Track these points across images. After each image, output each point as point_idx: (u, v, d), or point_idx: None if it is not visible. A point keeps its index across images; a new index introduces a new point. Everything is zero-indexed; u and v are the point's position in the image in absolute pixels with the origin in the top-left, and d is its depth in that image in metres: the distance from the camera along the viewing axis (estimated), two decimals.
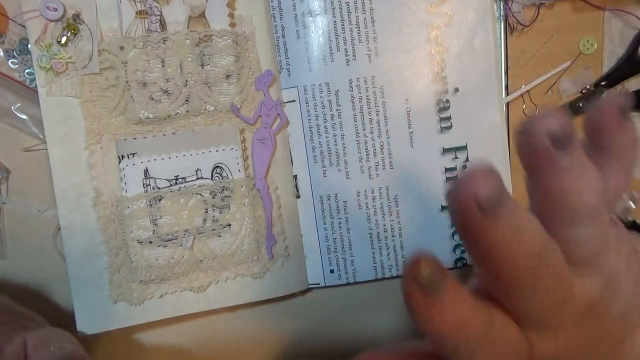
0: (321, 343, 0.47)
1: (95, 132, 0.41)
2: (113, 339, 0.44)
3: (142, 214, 0.41)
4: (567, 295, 0.23)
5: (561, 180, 0.21)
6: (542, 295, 0.22)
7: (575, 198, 0.21)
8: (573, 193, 0.21)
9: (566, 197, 0.21)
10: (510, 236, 0.20)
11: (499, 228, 0.19)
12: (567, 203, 0.21)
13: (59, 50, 0.40)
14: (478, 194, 0.18)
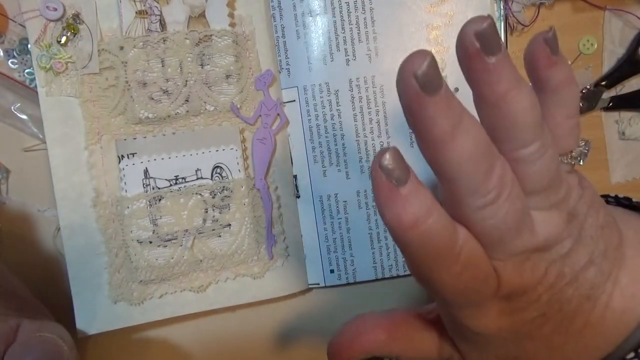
0: (321, 343, 0.47)
1: (95, 132, 0.41)
2: (113, 339, 0.44)
3: (142, 214, 0.41)
4: (527, 221, 0.25)
5: (491, 82, 0.23)
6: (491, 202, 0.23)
7: (512, 108, 0.23)
8: (509, 101, 0.23)
9: (503, 106, 0.23)
10: (449, 120, 0.21)
11: (437, 105, 0.21)
12: (505, 114, 0.23)
13: (58, 50, 0.40)
14: (414, 69, 0.20)
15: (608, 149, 0.48)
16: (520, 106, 0.23)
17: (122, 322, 0.42)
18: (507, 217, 0.24)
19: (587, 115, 0.47)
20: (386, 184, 0.22)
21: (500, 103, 0.23)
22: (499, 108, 0.23)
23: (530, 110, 0.23)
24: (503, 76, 0.23)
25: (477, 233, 0.25)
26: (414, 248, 0.23)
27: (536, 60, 0.26)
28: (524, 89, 0.23)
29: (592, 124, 0.48)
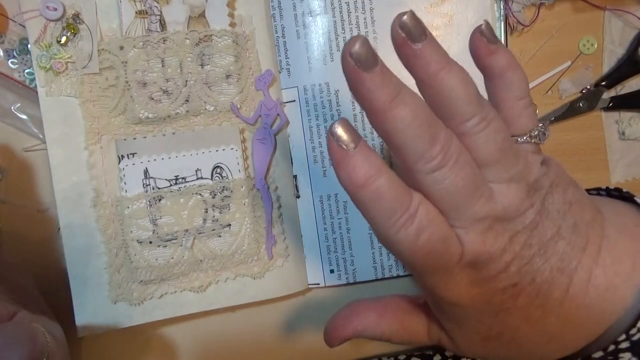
0: (321, 343, 0.47)
1: (95, 132, 0.41)
2: (113, 339, 0.44)
3: (142, 214, 0.41)
4: (482, 189, 0.27)
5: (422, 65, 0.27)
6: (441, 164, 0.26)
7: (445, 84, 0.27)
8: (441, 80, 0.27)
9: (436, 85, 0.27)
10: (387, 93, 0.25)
11: (373, 80, 0.25)
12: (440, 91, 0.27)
13: (58, 50, 0.40)
14: (350, 49, 0.24)
15: (608, 149, 0.48)
16: (452, 83, 0.27)
17: (122, 322, 0.41)
18: (457, 181, 0.26)
19: (587, 115, 0.47)
20: (338, 148, 0.26)
21: (433, 82, 0.27)
22: (433, 87, 0.27)
23: (462, 85, 0.27)
24: (431, 58, 0.26)
25: (434, 199, 0.27)
26: (367, 206, 0.26)
27: (477, 51, 0.30)
28: (454, 68, 0.27)
29: (592, 124, 0.48)
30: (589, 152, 0.48)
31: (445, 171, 0.26)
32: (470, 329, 0.32)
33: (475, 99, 0.27)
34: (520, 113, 0.31)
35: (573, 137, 0.48)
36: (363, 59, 0.24)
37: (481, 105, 0.27)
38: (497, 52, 0.30)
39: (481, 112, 0.27)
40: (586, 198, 0.31)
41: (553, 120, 0.47)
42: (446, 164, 0.26)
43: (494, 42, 0.30)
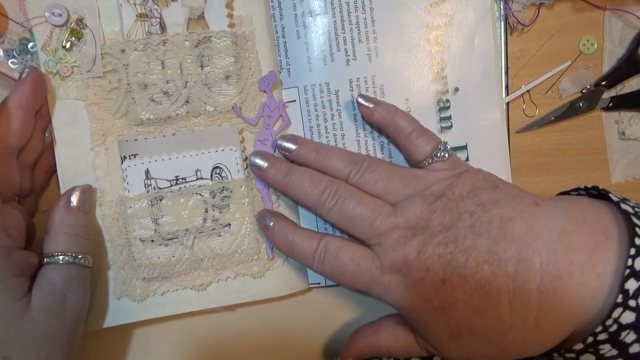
0: (321, 342, 0.47)
1: (100, 133, 0.42)
2: (116, 335, 0.45)
3: (143, 213, 0.42)
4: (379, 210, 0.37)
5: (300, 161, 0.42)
6: None
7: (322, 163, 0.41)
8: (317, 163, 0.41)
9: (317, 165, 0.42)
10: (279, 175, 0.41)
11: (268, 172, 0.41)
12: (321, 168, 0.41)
13: (64, 54, 0.41)
14: (251, 161, 0.42)
15: (608, 149, 0.48)
16: (326, 158, 0.41)
17: (126, 317, 0.42)
18: (352, 210, 0.37)
19: (587, 115, 0.47)
20: (262, 227, 0.42)
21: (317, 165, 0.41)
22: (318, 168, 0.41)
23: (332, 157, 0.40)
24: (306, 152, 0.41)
25: (347, 230, 0.38)
26: (291, 254, 0.41)
27: (363, 115, 0.43)
28: (323, 151, 0.41)
29: (592, 124, 0.47)
30: (589, 152, 0.48)
31: (339, 205, 0.38)
32: (433, 330, 0.36)
33: (346, 160, 0.40)
34: (415, 142, 0.40)
35: (573, 137, 0.47)
36: (259, 163, 0.41)
37: (354, 162, 0.40)
38: (376, 110, 0.41)
39: (355, 166, 0.39)
40: (511, 197, 0.35)
41: (553, 120, 0.47)
42: (337, 201, 0.38)
43: (372, 104, 0.41)
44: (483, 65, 0.45)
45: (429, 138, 0.40)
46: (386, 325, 0.40)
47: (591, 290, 0.31)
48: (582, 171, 0.48)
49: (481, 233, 0.34)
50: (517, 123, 0.47)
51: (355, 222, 0.37)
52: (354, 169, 0.39)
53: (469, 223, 0.34)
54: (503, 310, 0.33)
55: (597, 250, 0.32)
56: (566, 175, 0.48)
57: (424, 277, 0.35)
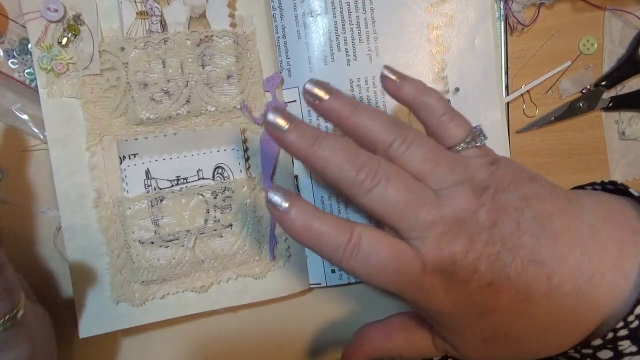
0: (322, 343, 0.47)
1: (96, 133, 0.41)
2: (115, 340, 0.44)
3: (143, 214, 0.41)
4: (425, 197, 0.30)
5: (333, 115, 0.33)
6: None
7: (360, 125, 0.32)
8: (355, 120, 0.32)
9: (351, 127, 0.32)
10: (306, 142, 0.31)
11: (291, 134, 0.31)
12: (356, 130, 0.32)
13: (59, 51, 0.40)
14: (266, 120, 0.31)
15: (608, 149, 0.48)
16: (363, 121, 0.32)
17: (124, 322, 0.41)
18: (394, 194, 0.30)
19: (587, 115, 0.48)
20: (274, 210, 0.31)
21: (347, 125, 0.32)
22: (350, 128, 0.33)
23: (373, 120, 0.32)
24: (340, 108, 0.32)
25: (384, 219, 0.31)
26: (315, 246, 0.31)
27: (388, 91, 0.36)
28: (361, 109, 0.32)
29: (592, 124, 0.48)
30: (589, 152, 0.48)
31: (380, 188, 0.30)
32: (466, 335, 0.33)
33: (389, 126, 0.32)
34: (448, 126, 0.34)
35: (573, 137, 0.48)
36: (278, 123, 0.31)
37: (398, 131, 0.32)
38: (403, 86, 0.35)
39: (399, 136, 0.32)
40: (547, 191, 0.32)
41: (553, 120, 0.47)
42: (378, 182, 0.30)
43: (399, 78, 0.35)
44: (483, 65, 0.45)
45: (462, 121, 0.34)
46: (400, 327, 0.37)
47: (619, 289, 0.30)
48: (582, 171, 0.48)
49: (526, 230, 0.30)
50: (517, 123, 0.47)
51: (396, 210, 0.30)
52: (398, 138, 0.32)
53: (514, 218, 0.30)
54: (540, 314, 0.31)
55: (625, 247, 0.31)
56: (566, 175, 0.48)
57: (470, 279, 0.30)
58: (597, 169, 0.48)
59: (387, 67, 0.35)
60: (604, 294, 0.30)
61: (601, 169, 0.48)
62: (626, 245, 0.31)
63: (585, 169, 0.48)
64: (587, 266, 0.30)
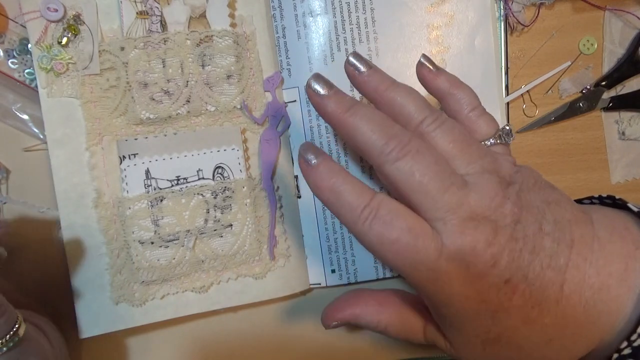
0: (322, 343, 0.47)
1: (96, 132, 0.41)
2: (115, 340, 0.44)
3: (143, 214, 0.41)
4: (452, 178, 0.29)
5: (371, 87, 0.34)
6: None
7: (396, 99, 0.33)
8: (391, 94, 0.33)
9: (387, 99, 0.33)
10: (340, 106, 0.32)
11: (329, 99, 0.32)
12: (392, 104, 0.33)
13: (59, 51, 0.40)
14: (310, 85, 0.32)
15: (608, 149, 0.48)
16: (399, 96, 0.32)
17: (124, 323, 0.41)
18: (422, 168, 0.29)
19: (587, 115, 0.48)
20: (304, 162, 0.32)
21: (383, 99, 0.33)
22: (385, 103, 0.33)
23: (408, 96, 0.32)
24: (378, 81, 0.33)
25: (406, 192, 0.30)
26: (332, 204, 0.31)
27: (423, 79, 0.36)
28: (398, 86, 0.33)
29: (592, 124, 0.48)
30: (589, 152, 0.48)
31: (408, 159, 0.29)
32: (469, 333, 0.32)
33: (423, 105, 0.32)
34: (476, 122, 0.34)
35: (573, 137, 0.48)
36: (319, 88, 0.32)
37: (430, 110, 0.32)
38: (439, 76, 0.35)
39: (431, 114, 0.32)
40: (566, 199, 0.32)
41: (553, 120, 0.47)
42: (407, 153, 0.29)
43: (435, 68, 0.36)
44: (483, 65, 0.45)
45: (491, 119, 0.35)
46: (395, 303, 0.37)
47: (624, 304, 0.29)
48: (582, 171, 0.48)
49: (548, 232, 0.29)
50: (517, 123, 0.47)
51: (421, 186, 0.29)
52: (430, 116, 0.32)
53: (538, 218, 0.30)
54: (547, 322, 0.30)
55: (630, 261, 0.30)
56: (566, 176, 0.48)
57: (488, 273, 0.29)
58: (597, 169, 0.48)
59: (425, 56, 0.36)
60: (610, 309, 0.30)
61: (601, 169, 0.48)
62: (631, 258, 0.30)
63: (585, 169, 0.48)
64: (595, 279, 0.30)
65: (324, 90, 0.32)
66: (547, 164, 0.48)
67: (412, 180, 0.29)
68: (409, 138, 0.30)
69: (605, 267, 0.30)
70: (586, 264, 0.30)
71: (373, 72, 0.34)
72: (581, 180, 0.48)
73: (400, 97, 0.32)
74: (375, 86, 0.33)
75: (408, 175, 0.29)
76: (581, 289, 0.29)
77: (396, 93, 0.33)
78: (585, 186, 0.48)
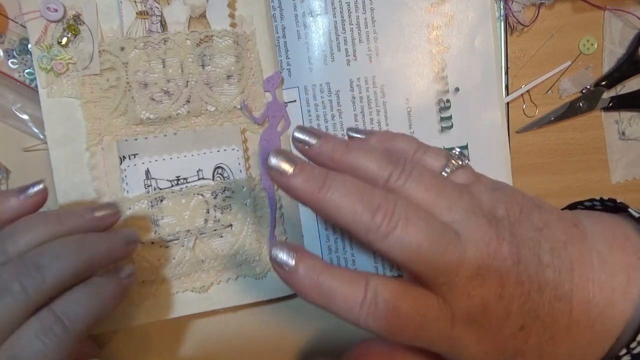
0: (322, 343, 0.47)
1: (96, 133, 0.41)
2: (114, 340, 0.44)
3: (143, 214, 0.41)
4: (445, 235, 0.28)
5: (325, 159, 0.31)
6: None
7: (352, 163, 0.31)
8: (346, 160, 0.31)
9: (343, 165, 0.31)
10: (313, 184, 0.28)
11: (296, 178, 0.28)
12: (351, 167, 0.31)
13: (59, 51, 0.40)
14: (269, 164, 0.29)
15: (608, 149, 0.48)
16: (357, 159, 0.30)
17: (124, 322, 0.41)
18: (416, 237, 0.27)
19: (587, 115, 0.48)
20: (281, 270, 0.28)
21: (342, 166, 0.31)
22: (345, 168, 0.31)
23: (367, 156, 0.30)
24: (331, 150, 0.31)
25: (404, 263, 0.27)
26: (326, 307, 0.28)
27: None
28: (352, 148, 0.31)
29: (592, 124, 0.48)
30: (589, 152, 0.48)
31: (398, 232, 0.27)
32: None
33: (384, 159, 0.30)
34: (426, 160, 0.33)
35: (573, 137, 0.48)
36: (281, 167, 0.29)
37: (394, 163, 0.30)
38: (371, 139, 0.35)
39: (396, 168, 0.30)
40: (555, 217, 0.31)
41: (553, 120, 0.47)
42: (396, 225, 0.27)
43: (364, 134, 0.35)
44: (483, 65, 0.45)
45: (437, 151, 0.33)
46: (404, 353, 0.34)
47: (627, 316, 0.29)
48: (582, 171, 0.48)
49: (548, 264, 0.28)
50: (517, 123, 0.47)
51: (419, 255, 0.27)
52: (395, 170, 0.30)
53: (535, 252, 0.28)
54: (563, 351, 0.29)
55: (631, 272, 0.29)
56: (566, 176, 0.48)
57: (503, 325, 0.28)
58: (597, 169, 0.48)
59: (351, 129, 0.36)
60: (616, 324, 0.29)
61: (601, 169, 0.48)
62: (632, 269, 0.30)
63: (586, 169, 0.48)
64: (600, 297, 0.29)
65: (289, 168, 0.29)
66: (547, 164, 0.48)
67: (408, 251, 0.27)
68: (394, 204, 0.28)
69: (608, 282, 0.29)
70: (589, 283, 0.29)
71: (323, 141, 0.31)
72: (581, 180, 0.48)
73: (360, 159, 0.30)
74: (330, 156, 0.31)
75: (402, 248, 0.27)
76: (588, 310, 0.29)
77: (353, 156, 0.31)
78: (585, 186, 0.48)
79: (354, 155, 0.31)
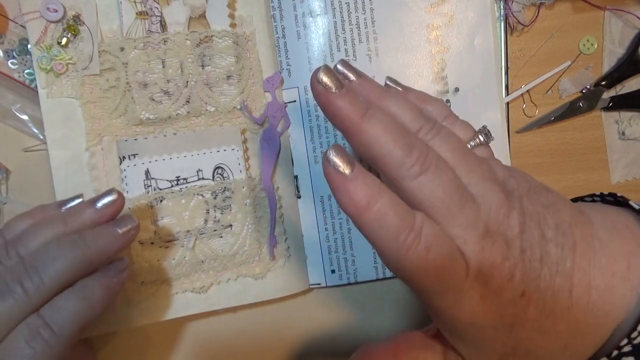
0: (322, 343, 0.47)
1: (96, 133, 0.41)
2: (114, 341, 0.44)
3: (143, 215, 0.41)
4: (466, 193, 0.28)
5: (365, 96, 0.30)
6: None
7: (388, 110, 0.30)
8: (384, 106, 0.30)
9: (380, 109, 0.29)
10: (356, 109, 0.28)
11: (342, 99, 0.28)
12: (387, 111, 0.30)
13: (59, 51, 0.40)
14: (317, 77, 0.28)
15: (608, 149, 0.48)
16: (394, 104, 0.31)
17: (123, 323, 0.41)
18: (444, 184, 0.27)
19: (587, 115, 0.48)
20: (335, 173, 0.27)
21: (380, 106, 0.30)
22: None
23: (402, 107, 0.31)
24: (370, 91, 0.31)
25: (427, 210, 0.28)
26: (372, 229, 0.27)
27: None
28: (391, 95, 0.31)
29: (592, 124, 0.48)
30: (589, 152, 0.48)
31: (430, 174, 0.27)
32: (487, 350, 0.31)
33: (417, 113, 0.31)
34: (452, 129, 0.33)
35: (573, 137, 0.48)
36: (330, 84, 0.28)
37: (425, 118, 0.30)
38: (408, 94, 0.34)
39: (427, 123, 0.30)
40: (562, 200, 0.31)
41: (553, 120, 0.47)
42: (428, 167, 0.27)
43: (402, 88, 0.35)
44: (483, 65, 0.45)
45: (465, 124, 0.34)
46: (408, 347, 0.35)
47: (628, 303, 0.29)
48: (582, 171, 0.48)
49: (551, 239, 0.29)
50: (517, 123, 0.47)
51: (444, 203, 0.27)
52: (426, 124, 0.30)
53: (539, 225, 0.29)
54: (562, 329, 0.29)
55: (632, 259, 0.30)
56: (566, 175, 0.48)
57: (505, 288, 0.28)
58: (597, 169, 0.48)
59: (390, 78, 0.35)
60: (615, 309, 0.29)
61: (601, 169, 0.48)
62: (633, 257, 0.30)
63: (586, 169, 0.48)
64: (600, 280, 0.29)
65: (336, 86, 0.28)
66: (547, 164, 0.48)
67: (435, 196, 0.27)
68: (427, 149, 0.28)
69: (608, 267, 0.29)
70: (590, 265, 0.29)
71: (363, 80, 0.31)
72: (581, 180, 0.48)
73: (395, 106, 0.30)
74: (367, 95, 0.30)
75: (429, 191, 0.27)
76: (588, 291, 0.29)
77: (389, 102, 0.31)
78: (585, 186, 0.48)
79: (390, 101, 0.31)
